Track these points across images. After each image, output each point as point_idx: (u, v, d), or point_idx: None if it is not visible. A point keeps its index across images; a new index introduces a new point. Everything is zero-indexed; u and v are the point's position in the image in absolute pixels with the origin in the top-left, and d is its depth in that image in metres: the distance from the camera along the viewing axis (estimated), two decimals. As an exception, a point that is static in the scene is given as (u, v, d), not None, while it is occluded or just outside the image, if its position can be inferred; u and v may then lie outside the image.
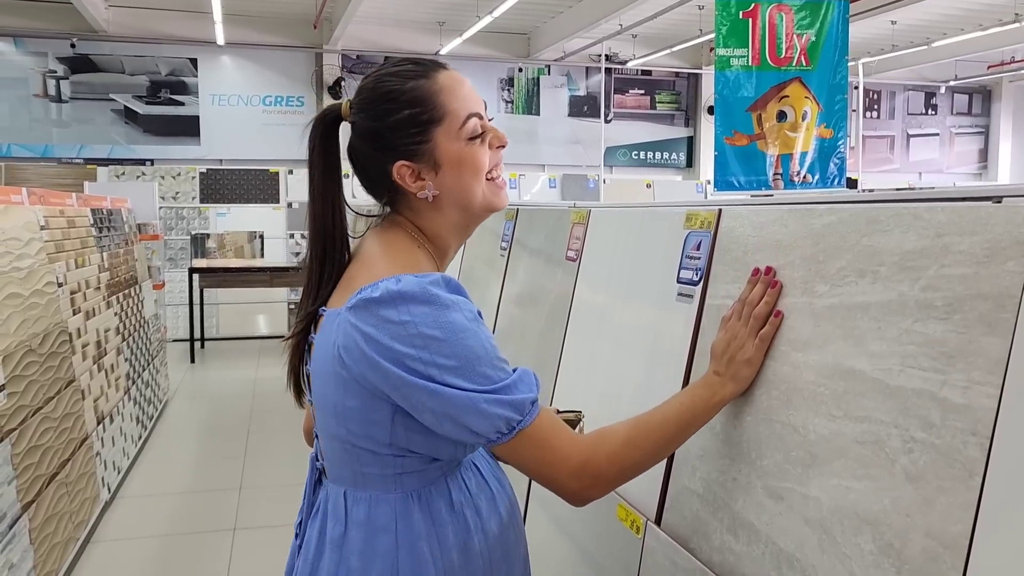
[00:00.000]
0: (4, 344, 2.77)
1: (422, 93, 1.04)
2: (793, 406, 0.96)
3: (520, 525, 1.16)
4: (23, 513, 2.72)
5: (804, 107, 4.95)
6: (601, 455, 0.97)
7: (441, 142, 1.05)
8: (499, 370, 0.95)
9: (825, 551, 0.87)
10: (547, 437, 0.96)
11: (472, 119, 1.05)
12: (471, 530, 1.05)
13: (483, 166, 1.07)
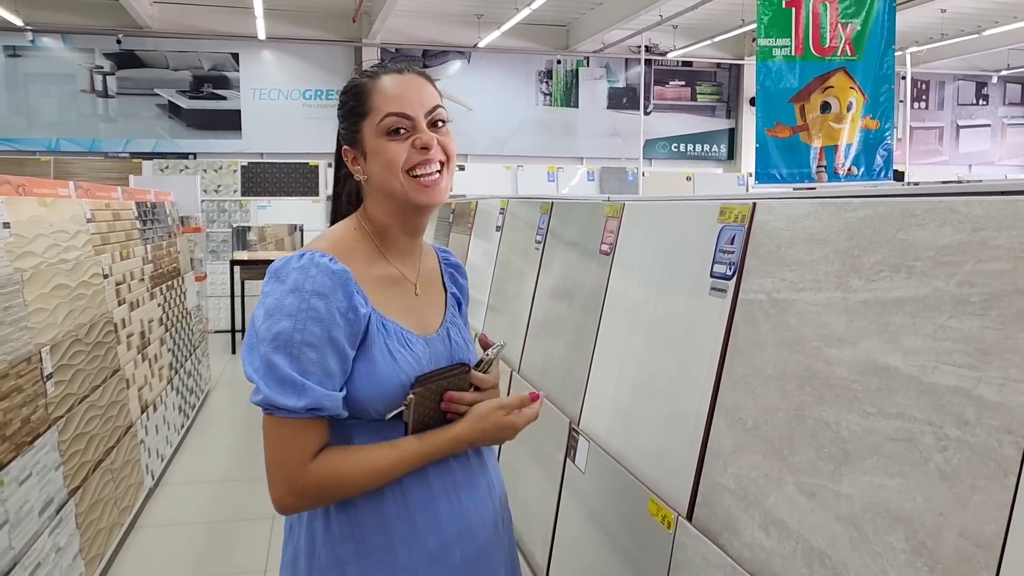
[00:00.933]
0: (52, 334, 2.84)
1: (361, 90, 1.20)
2: (826, 402, 0.94)
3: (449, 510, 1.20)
4: (70, 498, 2.79)
5: (849, 98, 4.85)
6: (303, 483, 1.09)
7: (366, 134, 1.20)
8: (294, 358, 1.07)
9: (857, 549, 0.85)
10: (277, 437, 1.10)
11: (389, 117, 1.17)
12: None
13: (394, 160, 1.17)
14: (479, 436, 1.17)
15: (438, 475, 1.18)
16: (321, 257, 1.12)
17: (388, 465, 1.13)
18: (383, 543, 1.15)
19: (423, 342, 1.20)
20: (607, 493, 1.48)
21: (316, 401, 1.07)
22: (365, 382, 1.13)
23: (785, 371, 1.03)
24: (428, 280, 1.31)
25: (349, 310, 1.11)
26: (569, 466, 1.68)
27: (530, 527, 1.89)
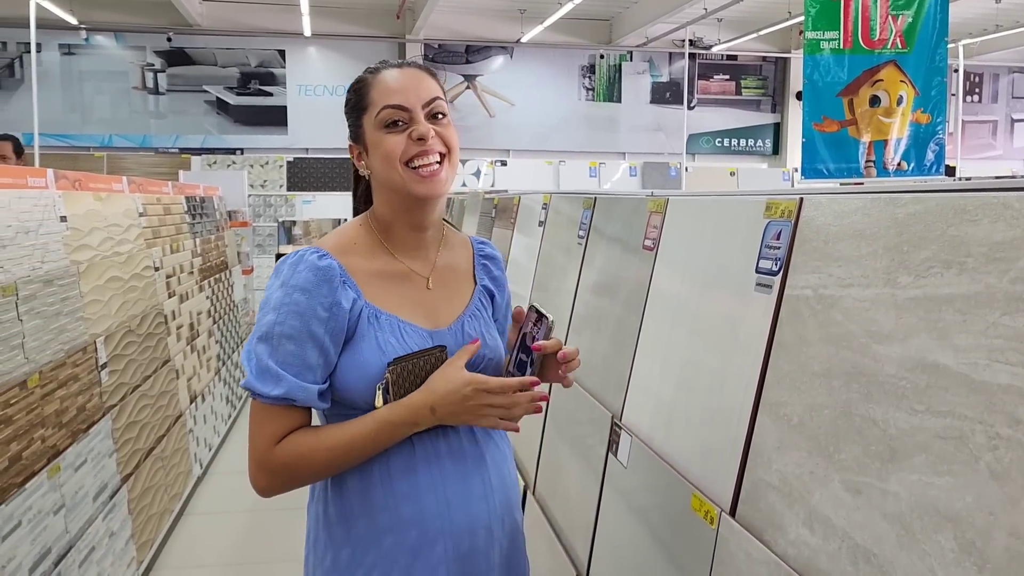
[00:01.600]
0: (106, 325, 2.92)
1: (362, 85, 1.24)
2: (873, 399, 0.94)
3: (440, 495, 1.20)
4: (122, 485, 2.87)
5: (899, 91, 4.76)
6: (271, 465, 1.14)
7: (366, 127, 1.23)
8: (274, 349, 1.12)
9: (904, 547, 0.85)
10: (256, 421, 1.15)
11: (386, 110, 1.19)
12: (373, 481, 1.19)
13: (392, 153, 1.19)
14: (438, 401, 1.14)
15: (426, 467, 1.19)
16: (312, 254, 1.18)
17: (347, 439, 1.14)
18: (370, 531, 1.18)
19: (426, 334, 1.21)
20: (649, 488, 1.48)
21: (289, 391, 1.12)
22: (351, 372, 1.16)
23: (831, 368, 1.02)
24: (447, 273, 1.31)
25: (333, 304, 1.15)
26: (611, 460, 1.68)
27: (571, 521, 1.90)
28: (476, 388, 1.13)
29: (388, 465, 1.18)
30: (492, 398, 1.13)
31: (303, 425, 1.16)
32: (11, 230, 2.29)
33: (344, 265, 1.19)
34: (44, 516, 2.21)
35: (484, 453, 1.24)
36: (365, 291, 1.20)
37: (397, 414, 1.14)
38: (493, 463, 1.25)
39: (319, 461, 1.14)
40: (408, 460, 1.18)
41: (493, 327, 1.32)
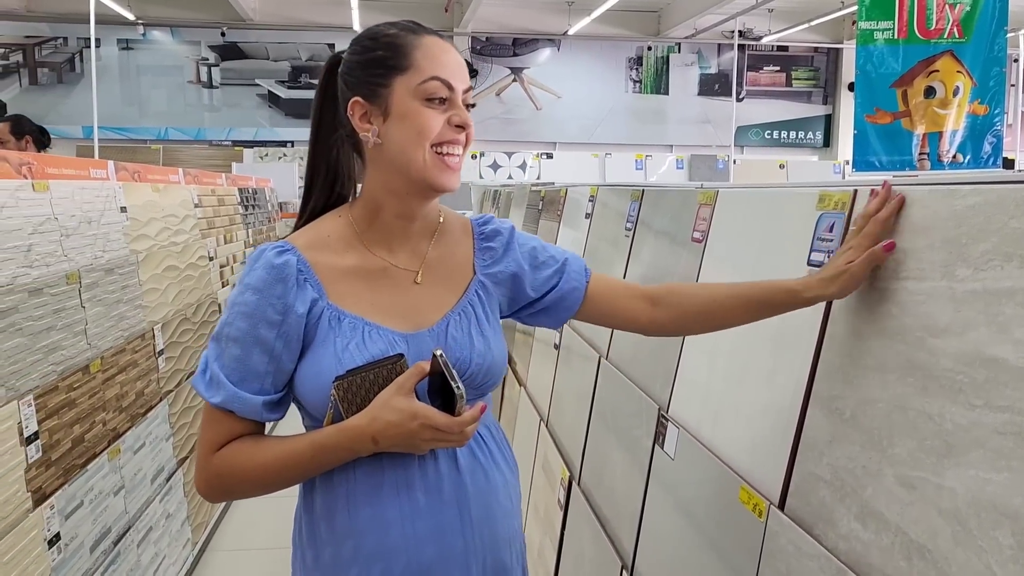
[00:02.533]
0: (163, 313, 3.01)
1: (400, 42, 1.08)
2: (929, 394, 0.93)
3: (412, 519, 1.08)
4: (178, 468, 2.96)
5: (956, 82, 4.64)
6: (206, 473, 1.07)
7: (397, 90, 1.06)
8: (220, 353, 1.06)
9: (959, 543, 0.84)
10: (202, 425, 1.09)
11: (434, 82, 1.06)
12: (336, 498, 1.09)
13: (429, 129, 1.06)
14: (378, 432, 1.01)
15: (394, 495, 1.07)
16: (272, 250, 1.08)
17: (282, 458, 1.04)
18: (335, 561, 1.09)
19: (398, 338, 1.09)
20: (696, 480, 1.48)
21: (225, 401, 1.04)
22: (308, 381, 1.06)
23: (885, 361, 1.01)
24: (440, 267, 1.18)
25: (286, 307, 1.05)
26: (658, 452, 1.68)
27: (616, 512, 1.90)
28: (423, 424, 0.99)
29: (355, 489, 1.08)
30: (440, 434, 1.00)
31: (249, 432, 1.07)
32: (75, 220, 2.37)
33: (310, 261, 1.09)
34: (105, 496, 2.29)
35: (465, 482, 1.11)
36: (330, 291, 1.09)
37: (334, 439, 1.03)
38: (476, 493, 1.12)
39: (251, 477, 1.05)
40: (375, 486, 1.08)
41: (491, 324, 1.18)
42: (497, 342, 1.18)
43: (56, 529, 1.98)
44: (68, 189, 2.38)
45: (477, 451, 1.14)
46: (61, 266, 2.21)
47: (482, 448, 1.16)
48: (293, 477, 1.07)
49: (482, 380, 1.13)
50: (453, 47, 1.12)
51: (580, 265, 1.28)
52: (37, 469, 1.93)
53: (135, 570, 2.44)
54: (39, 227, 2.13)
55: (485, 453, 1.16)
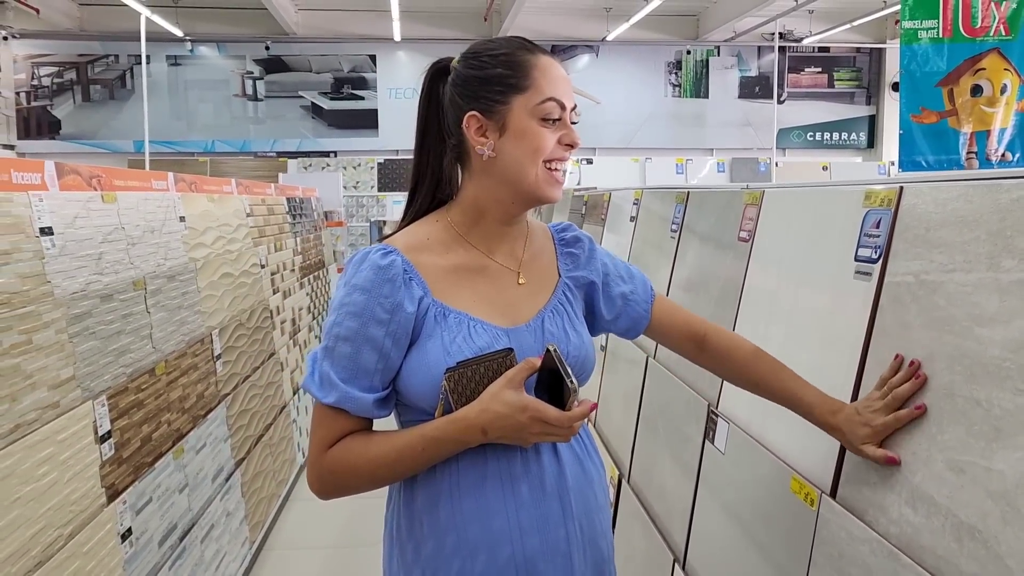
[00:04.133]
0: (220, 318, 3.11)
1: (519, 61, 1.12)
2: (977, 381, 0.96)
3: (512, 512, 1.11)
4: (236, 468, 3.06)
5: (1003, 80, 4.57)
6: (319, 469, 1.10)
7: (515, 108, 1.11)
8: (329, 352, 1.10)
9: (1009, 523, 0.87)
10: (314, 424, 1.12)
11: (551, 102, 1.11)
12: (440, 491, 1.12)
13: (543, 147, 1.11)
14: (488, 423, 1.04)
15: (498, 486, 1.10)
16: (376, 252, 1.11)
17: (394, 452, 1.07)
18: (438, 553, 1.11)
19: (500, 332, 1.13)
20: (747, 473, 1.52)
21: (339, 400, 1.07)
22: (416, 375, 1.09)
23: (934, 351, 1.04)
24: (533, 267, 1.24)
25: (395, 305, 1.08)
26: (708, 448, 1.72)
27: (668, 507, 1.94)
28: (533, 416, 1.02)
29: (458, 480, 1.10)
30: (549, 427, 1.03)
31: (359, 429, 1.11)
32: (139, 229, 2.48)
33: (413, 262, 1.13)
34: (171, 494, 2.38)
35: (566, 474, 1.14)
36: (434, 288, 1.13)
37: (445, 431, 1.06)
38: (576, 486, 1.15)
39: (363, 472, 1.09)
40: (479, 477, 1.10)
41: (579, 320, 1.23)
42: (588, 338, 1.23)
43: (128, 524, 2.08)
44: (133, 200, 2.49)
45: (576, 445, 1.17)
46: (128, 273, 2.31)
47: (580, 442, 1.19)
48: (404, 470, 1.10)
49: (578, 373, 1.14)
50: (562, 65, 1.16)
51: (647, 290, 1.35)
52: (110, 466, 2.03)
53: (199, 565, 2.54)
54: (108, 236, 2.24)
55: (582, 447, 1.19)
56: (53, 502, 1.75)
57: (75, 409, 1.90)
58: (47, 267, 1.88)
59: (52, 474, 1.76)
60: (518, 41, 1.15)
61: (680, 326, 1.33)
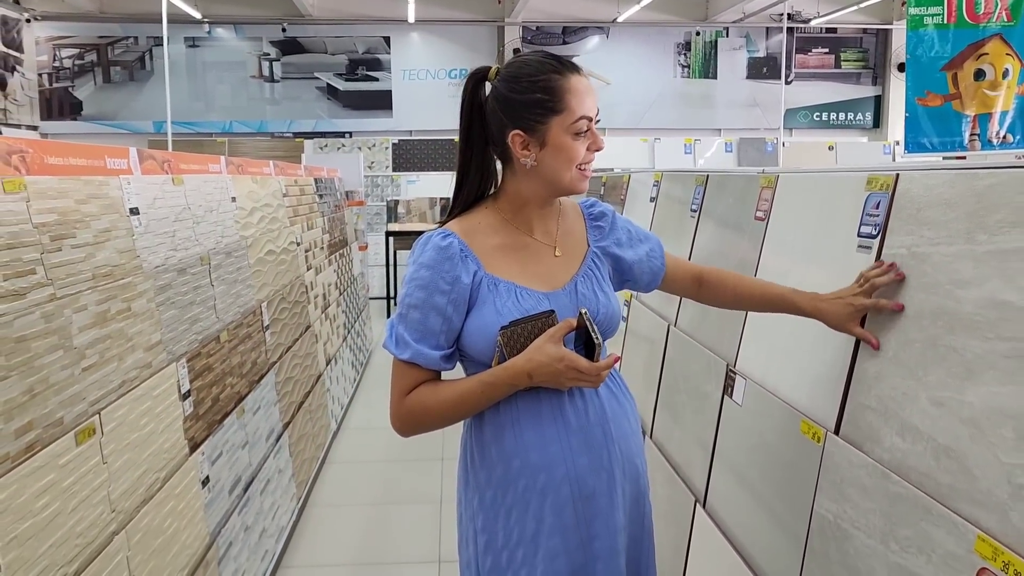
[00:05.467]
0: (267, 292, 3.35)
1: (555, 86, 1.34)
2: (954, 332, 1.18)
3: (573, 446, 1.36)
4: (284, 430, 3.31)
5: (1005, 64, 4.76)
6: (400, 414, 1.38)
7: (553, 128, 1.35)
8: (403, 318, 1.36)
9: (975, 441, 1.10)
10: (393, 377, 1.38)
11: (582, 120, 1.35)
12: (503, 427, 1.37)
13: (577, 157, 1.36)
14: (534, 369, 1.28)
15: (552, 419, 1.35)
16: (437, 235, 1.37)
17: (456, 396, 1.34)
18: (506, 475, 1.36)
19: (543, 297, 1.37)
20: (762, 420, 1.75)
21: (413, 356, 1.34)
22: (475, 334, 1.34)
23: (922, 310, 1.27)
24: (567, 240, 1.48)
25: (454, 278, 1.33)
26: (727, 402, 1.95)
27: (688, 457, 2.18)
28: (568, 365, 1.27)
29: (518, 416, 1.36)
30: (580, 374, 1.28)
31: (430, 379, 1.37)
32: (201, 209, 2.70)
33: (468, 242, 1.37)
34: (236, 449, 2.63)
35: (605, 408, 1.39)
36: (486, 263, 1.37)
37: (499, 377, 1.31)
38: (614, 416, 1.40)
39: (435, 412, 1.35)
40: (535, 413, 1.35)
41: (607, 284, 1.48)
42: (614, 297, 1.48)
43: (206, 472, 2.33)
44: (196, 182, 2.71)
45: (611, 384, 1.43)
46: (195, 249, 2.55)
47: (614, 382, 1.45)
48: (468, 410, 1.37)
49: (606, 327, 1.42)
50: (588, 79, 1.39)
51: (660, 247, 1.62)
52: (190, 421, 2.27)
53: (260, 514, 2.79)
54: (179, 215, 2.47)
55: (616, 386, 1.45)
56: (151, 449, 1.99)
57: (163, 370, 2.13)
58: (136, 243, 2.11)
59: (150, 425, 2.00)
60: (550, 64, 1.36)
61: (684, 272, 1.63)
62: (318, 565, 3.09)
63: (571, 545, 1.35)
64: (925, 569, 1.15)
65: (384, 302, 8.59)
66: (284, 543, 3.12)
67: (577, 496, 1.35)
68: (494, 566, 1.38)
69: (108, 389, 1.82)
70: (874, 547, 1.27)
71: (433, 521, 3.43)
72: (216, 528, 2.36)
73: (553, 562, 1.34)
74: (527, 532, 1.36)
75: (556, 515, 1.35)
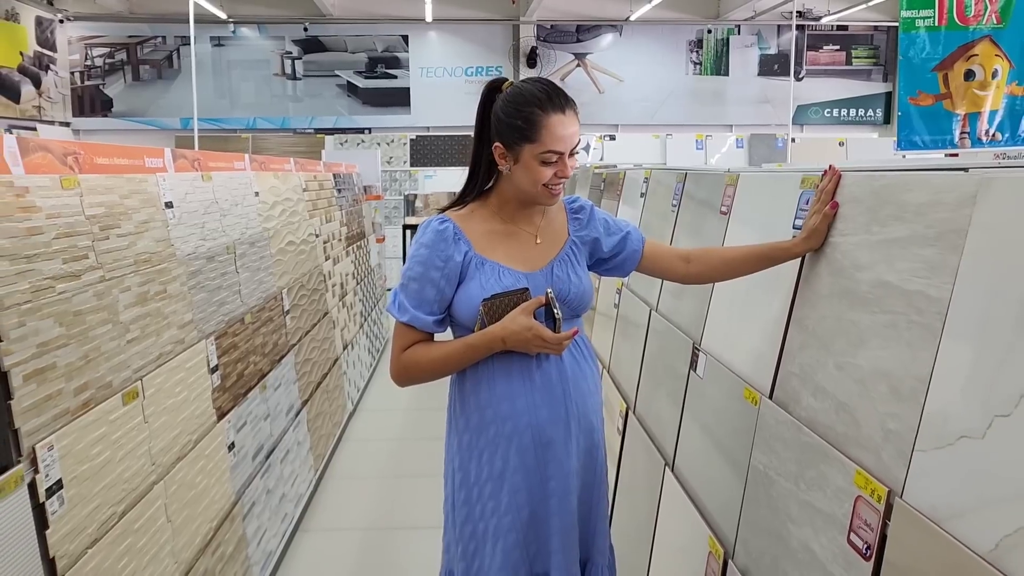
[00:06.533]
0: (287, 280, 3.62)
1: (534, 120, 1.57)
2: (854, 308, 1.42)
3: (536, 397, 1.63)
4: (303, 407, 3.58)
5: (994, 65, 4.93)
6: (397, 366, 1.66)
7: (525, 151, 1.59)
8: (404, 287, 1.64)
9: (862, 396, 1.34)
10: (394, 336, 1.66)
11: (549, 154, 1.57)
12: (479, 381, 1.65)
13: (542, 179, 1.60)
14: (507, 335, 1.55)
15: (520, 377, 1.61)
16: (436, 220, 1.64)
17: (443, 355, 1.61)
18: (480, 422, 1.64)
19: (521, 276, 1.63)
20: (717, 389, 1.99)
21: (410, 320, 1.61)
22: (462, 304, 1.61)
23: (833, 290, 1.50)
24: (548, 230, 1.72)
25: (447, 257, 1.60)
26: (692, 376, 2.19)
27: (662, 429, 2.42)
28: (535, 334, 1.55)
29: (492, 374, 1.62)
30: (544, 342, 1.55)
31: (424, 340, 1.64)
32: (228, 202, 2.98)
33: (461, 227, 1.64)
34: (259, 420, 2.91)
35: (567, 370, 1.65)
36: (476, 246, 1.63)
37: (479, 340, 1.58)
38: (574, 378, 1.66)
39: (426, 367, 1.62)
40: (507, 372, 1.61)
41: (581, 268, 1.72)
42: (586, 279, 1.73)
43: (232, 439, 2.60)
44: (222, 179, 2.99)
45: (574, 351, 1.69)
46: (222, 239, 2.82)
47: (578, 350, 1.70)
48: (453, 366, 1.65)
49: (577, 304, 1.69)
50: (573, 117, 1.60)
51: (638, 234, 1.86)
52: (217, 393, 2.55)
53: (280, 480, 3.07)
54: (208, 209, 2.74)
55: (580, 353, 1.71)
56: (185, 414, 2.27)
57: (195, 345, 2.41)
58: (171, 233, 2.39)
59: (184, 393, 2.28)
60: (537, 99, 1.57)
61: (669, 253, 1.86)
62: (334, 529, 3.37)
63: (531, 483, 1.62)
64: (822, 502, 1.39)
65: (401, 293, 8.88)
66: (303, 509, 3.40)
67: (538, 442, 1.62)
68: (467, 498, 1.66)
69: (148, 359, 2.09)
70: (790, 489, 1.51)
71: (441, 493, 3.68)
72: (241, 488, 2.64)
73: (515, 496, 1.62)
74: (495, 470, 1.63)
75: (519, 457, 1.62)
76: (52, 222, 1.76)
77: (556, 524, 1.64)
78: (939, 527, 1.07)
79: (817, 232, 1.55)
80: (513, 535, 1.62)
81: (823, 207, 1.55)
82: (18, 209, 1.64)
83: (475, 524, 1.65)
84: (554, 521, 1.64)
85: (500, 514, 1.63)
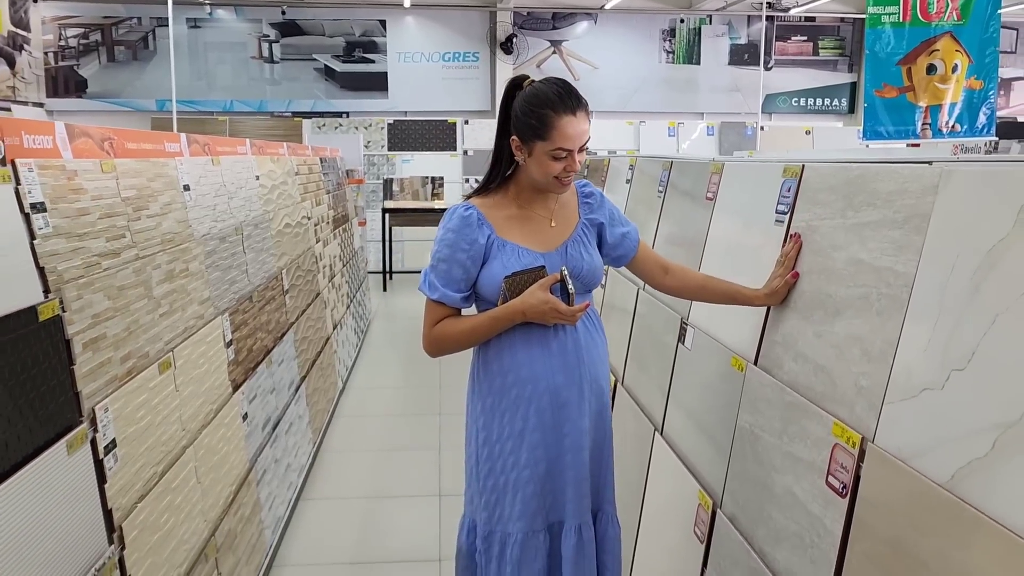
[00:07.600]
0: (285, 261, 3.76)
1: (547, 120, 1.73)
2: (830, 283, 1.62)
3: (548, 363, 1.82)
4: (302, 382, 3.74)
5: (955, 60, 5.20)
6: (429, 339, 1.85)
7: (537, 147, 1.76)
8: (434, 268, 1.82)
9: (838, 358, 1.54)
10: (425, 312, 1.84)
11: (559, 151, 1.74)
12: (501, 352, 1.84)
13: (552, 172, 1.78)
14: (526, 308, 1.74)
15: (540, 345, 1.80)
16: (461, 207, 1.82)
17: (470, 327, 1.80)
18: (502, 385, 1.82)
19: (539, 255, 1.81)
20: (705, 359, 2.19)
21: (440, 297, 1.80)
22: (486, 282, 1.80)
23: (812, 268, 1.71)
24: (561, 213, 1.89)
25: (472, 240, 1.78)
26: (680, 348, 2.39)
27: (650, 398, 2.62)
28: (552, 307, 1.74)
29: (514, 343, 1.81)
30: (559, 314, 1.74)
31: (452, 315, 1.83)
32: (234, 186, 3.11)
33: (484, 213, 1.82)
34: (266, 393, 3.06)
35: (580, 340, 1.84)
36: (498, 229, 1.82)
37: (501, 313, 1.77)
38: (587, 347, 1.85)
39: (454, 339, 1.82)
40: (526, 341, 1.80)
41: (591, 247, 1.90)
42: (597, 258, 1.93)
43: (245, 410, 2.76)
44: (228, 162, 3.12)
45: (587, 322, 1.88)
46: (231, 221, 2.95)
47: (589, 321, 1.90)
48: (478, 338, 1.84)
49: (588, 279, 1.88)
50: (584, 117, 1.76)
51: (636, 235, 2.04)
52: (232, 366, 2.70)
53: (286, 451, 3.23)
54: (218, 192, 2.88)
55: (590, 325, 1.90)
56: (207, 384, 2.42)
57: (212, 321, 2.55)
58: (189, 215, 2.52)
59: (206, 365, 2.43)
60: (552, 100, 1.73)
61: (653, 260, 2.06)
62: (333, 498, 3.54)
63: (548, 440, 1.82)
64: (803, 452, 1.59)
65: (380, 276, 9.00)
66: (304, 478, 3.56)
67: (554, 404, 1.82)
68: (490, 454, 1.85)
69: (177, 332, 2.24)
70: (774, 443, 1.72)
71: (432, 464, 3.88)
72: (254, 456, 2.80)
73: (534, 451, 1.81)
74: (516, 428, 1.82)
75: (538, 417, 1.81)
76: (96, 203, 1.89)
77: (570, 476, 1.84)
78: (906, 464, 1.28)
79: (778, 294, 1.78)
80: (531, 487, 1.82)
81: (786, 272, 1.76)
82: (70, 191, 1.78)
83: (496, 477, 1.84)
84: (568, 474, 1.84)
85: (520, 468, 1.82)
